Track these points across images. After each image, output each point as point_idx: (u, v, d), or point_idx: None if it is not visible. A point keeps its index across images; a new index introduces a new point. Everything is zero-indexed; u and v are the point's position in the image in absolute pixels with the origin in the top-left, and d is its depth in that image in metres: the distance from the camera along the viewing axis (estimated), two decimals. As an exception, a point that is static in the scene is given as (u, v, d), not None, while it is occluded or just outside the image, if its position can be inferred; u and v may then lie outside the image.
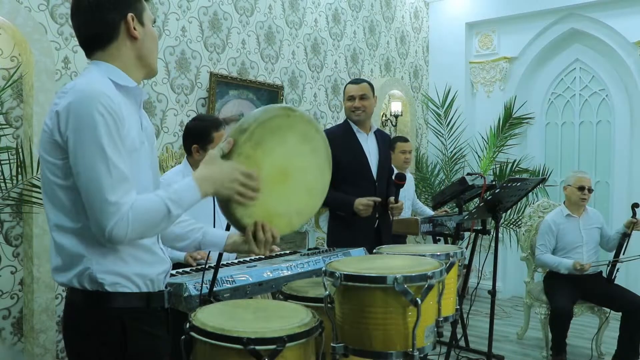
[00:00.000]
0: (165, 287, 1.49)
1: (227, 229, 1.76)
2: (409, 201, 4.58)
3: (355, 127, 3.23)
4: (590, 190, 3.99)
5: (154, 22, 1.50)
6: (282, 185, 1.48)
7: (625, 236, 3.84)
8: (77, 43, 3.39)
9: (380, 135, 3.34)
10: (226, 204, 1.42)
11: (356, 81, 3.29)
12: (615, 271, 3.83)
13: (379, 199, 3.13)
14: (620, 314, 3.72)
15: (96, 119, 1.26)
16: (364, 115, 3.22)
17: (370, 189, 3.17)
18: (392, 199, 3.16)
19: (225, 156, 1.39)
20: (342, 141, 3.13)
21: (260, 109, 1.45)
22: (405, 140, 4.62)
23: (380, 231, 3.23)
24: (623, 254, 3.88)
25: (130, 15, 1.39)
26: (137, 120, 1.41)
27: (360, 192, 3.15)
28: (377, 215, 3.21)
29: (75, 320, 1.38)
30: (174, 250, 2.55)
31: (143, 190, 1.36)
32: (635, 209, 3.83)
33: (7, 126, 3.10)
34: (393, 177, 3.20)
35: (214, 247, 1.69)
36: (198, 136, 2.67)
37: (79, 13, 1.40)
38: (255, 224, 1.46)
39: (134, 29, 1.40)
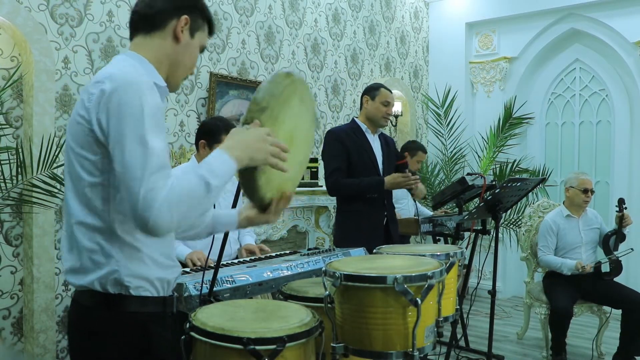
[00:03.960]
0: (172, 292, 1.48)
1: (234, 206, 1.75)
2: (411, 200, 4.59)
3: (364, 127, 3.29)
4: (592, 192, 4.01)
5: (203, 49, 1.51)
6: (290, 149, 1.45)
7: (615, 232, 3.88)
8: (77, 43, 3.43)
9: (384, 138, 3.40)
10: (251, 183, 1.38)
11: (389, 89, 3.36)
12: (610, 268, 3.85)
13: (410, 173, 3.15)
14: (620, 313, 3.73)
15: (140, 106, 1.23)
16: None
17: None
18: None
19: None
20: (353, 140, 3.22)
21: (269, 81, 1.42)
22: (426, 152, 4.76)
23: (389, 229, 3.27)
24: (615, 249, 3.90)
25: (185, 17, 1.40)
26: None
27: None
28: (385, 214, 3.26)
29: (92, 323, 1.34)
30: (185, 240, 2.57)
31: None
32: (622, 205, 3.86)
33: (7, 126, 3.10)
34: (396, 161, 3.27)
35: (227, 227, 1.67)
36: (208, 133, 2.80)
37: None
38: (276, 198, 1.45)
39: (181, 31, 1.41)
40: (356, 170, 3.20)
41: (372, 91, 3.29)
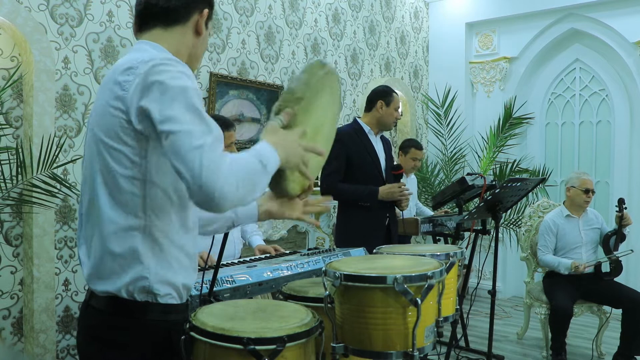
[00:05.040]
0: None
1: (221, 249, 1.75)
2: (413, 202, 4.58)
3: (367, 128, 3.30)
4: (593, 192, 4.02)
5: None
6: (314, 141, 1.45)
7: (615, 232, 3.88)
8: (77, 43, 3.41)
9: (384, 140, 3.41)
10: (279, 174, 1.36)
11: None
12: (610, 268, 3.86)
13: (404, 184, 3.22)
14: (620, 313, 3.73)
15: (183, 82, 1.18)
16: None
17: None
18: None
19: (285, 127, 1.35)
20: (355, 141, 3.24)
21: (305, 71, 1.42)
22: (421, 148, 4.53)
23: (390, 229, 3.28)
24: (615, 249, 3.91)
25: (206, 11, 1.38)
26: None
27: None
28: (387, 215, 3.27)
29: (112, 332, 1.29)
30: (205, 236, 2.56)
31: None
32: (622, 205, 3.87)
33: (7, 126, 3.10)
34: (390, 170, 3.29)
35: (248, 220, 1.64)
36: None
37: None
38: (303, 189, 1.44)
39: (202, 25, 1.39)
40: (359, 171, 3.21)
41: (387, 96, 3.30)
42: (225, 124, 2.78)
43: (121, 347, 1.28)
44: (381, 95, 3.30)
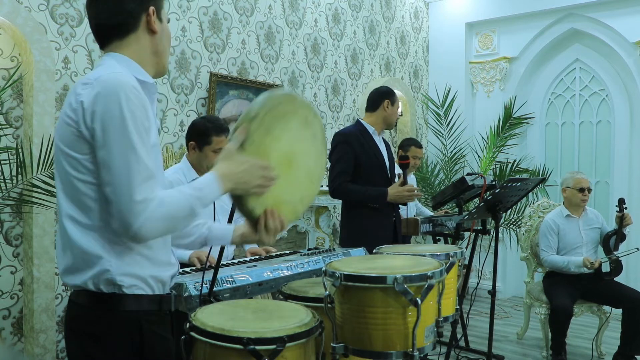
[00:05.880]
0: (170, 290, 1.48)
1: (229, 221, 1.75)
2: (413, 202, 4.58)
3: (371, 129, 3.33)
4: (589, 191, 4.01)
5: (168, 21, 1.49)
6: (287, 172, 1.47)
7: (615, 232, 3.88)
8: (77, 43, 3.41)
9: (384, 140, 3.46)
10: (240, 197, 1.40)
11: None
12: (610, 268, 3.86)
13: (413, 186, 3.25)
14: (620, 313, 3.73)
15: (125, 112, 1.23)
16: None
17: (387, 187, 3.24)
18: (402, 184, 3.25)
19: (241, 146, 1.37)
20: (361, 141, 3.26)
21: (265, 95, 1.43)
22: (421, 146, 4.56)
23: (396, 227, 3.32)
24: (615, 249, 3.90)
25: (151, 8, 1.39)
26: (154, 116, 1.40)
27: None
28: (394, 214, 3.31)
29: (87, 324, 1.33)
30: (178, 248, 2.56)
31: (161, 187, 1.34)
32: (622, 205, 3.87)
33: (7, 126, 3.10)
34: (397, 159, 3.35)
35: (221, 242, 1.67)
36: (198, 134, 2.69)
37: (99, 1, 1.38)
38: (266, 213, 1.45)
39: (154, 22, 1.39)
40: (366, 172, 3.22)
41: (392, 96, 3.37)
42: (217, 129, 2.68)
43: (97, 338, 1.32)
44: (387, 95, 3.36)
